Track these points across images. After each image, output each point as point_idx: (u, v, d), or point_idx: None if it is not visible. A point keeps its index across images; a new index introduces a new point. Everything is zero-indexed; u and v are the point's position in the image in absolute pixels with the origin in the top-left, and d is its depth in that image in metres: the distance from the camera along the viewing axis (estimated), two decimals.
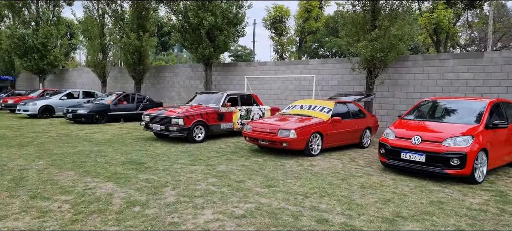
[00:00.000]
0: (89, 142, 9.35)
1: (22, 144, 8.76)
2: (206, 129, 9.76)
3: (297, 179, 5.87)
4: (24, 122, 14.34)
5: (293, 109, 9.03)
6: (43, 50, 22.64)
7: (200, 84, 17.88)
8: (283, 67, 14.97)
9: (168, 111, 9.52)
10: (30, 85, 28.98)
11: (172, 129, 9.20)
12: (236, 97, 10.97)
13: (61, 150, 7.95)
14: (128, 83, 21.45)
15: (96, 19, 19.59)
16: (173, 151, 8.23)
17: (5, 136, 10.14)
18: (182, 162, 6.98)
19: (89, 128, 12.54)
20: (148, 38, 17.85)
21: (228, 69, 16.83)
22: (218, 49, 14.98)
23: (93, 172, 5.94)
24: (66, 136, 10.35)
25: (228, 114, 10.41)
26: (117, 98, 15.23)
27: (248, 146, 9.28)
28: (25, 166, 6.34)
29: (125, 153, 7.79)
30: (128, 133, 11.39)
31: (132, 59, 17.68)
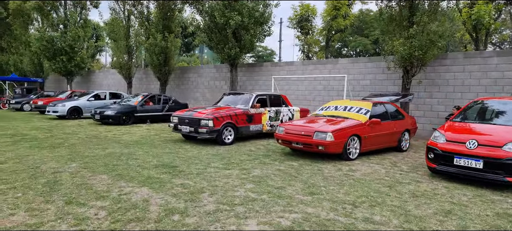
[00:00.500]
0: (119, 143, 9.26)
1: (53, 145, 8.75)
2: (235, 131, 9.49)
3: (340, 185, 5.47)
4: (53, 123, 14.55)
5: (327, 111, 8.61)
6: (70, 52, 23.13)
7: (225, 85, 17.68)
8: (310, 67, 14.53)
9: (197, 112, 9.30)
10: (58, 87, 29.74)
11: (202, 131, 8.97)
12: (265, 98, 10.65)
13: (92, 152, 7.85)
14: (153, 84, 21.55)
15: (122, 21, 19.77)
16: (203, 153, 7.99)
17: (36, 137, 10.21)
18: (215, 165, 6.71)
19: (117, 130, 12.53)
20: (173, 39, 17.81)
21: (253, 69, 16.54)
22: (244, 49, 14.72)
23: (127, 176, 5.75)
24: (96, 138, 10.32)
25: (257, 115, 10.10)
26: (144, 99, 15.23)
27: (279, 149, 8.93)
28: (58, 168, 6.24)
29: (156, 155, 7.61)
30: (156, 135, 11.28)
31: (157, 60, 17.69)
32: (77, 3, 23.67)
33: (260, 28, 14.66)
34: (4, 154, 7.47)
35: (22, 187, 5.07)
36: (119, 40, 20.20)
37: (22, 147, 8.40)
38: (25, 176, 5.71)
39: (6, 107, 22.04)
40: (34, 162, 6.74)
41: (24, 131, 11.47)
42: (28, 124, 13.69)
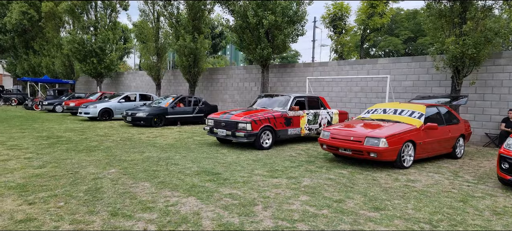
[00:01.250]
0: (154, 147, 9.00)
1: (89, 148, 8.59)
2: (273, 135, 9.03)
3: (405, 199, 4.89)
4: (85, 125, 14.59)
5: (375, 114, 8.00)
6: (101, 54, 23.43)
7: (255, 87, 17.28)
8: (346, 67, 13.88)
9: (234, 115, 8.91)
10: (88, 88, 30.32)
11: (239, 135, 8.57)
12: (303, 100, 10.13)
13: (129, 156, 7.60)
14: (181, 86, 21.45)
15: (151, 22, 19.78)
16: (243, 159, 7.58)
17: (71, 140, 10.13)
18: (259, 173, 6.27)
19: (149, 132, 12.36)
20: (203, 40, 17.59)
21: (285, 70, 16.05)
22: (277, 49, 14.25)
23: (170, 184, 5.39)
24: (129, 140, 10.14)
25: (296, 118, 9.60)
26: (174, 101, 15.05)
27: (321, 154, 8.40)
28: (97, 174, 5.98)
29: (195, 160, 7.26)
30: (189, 138, 10.99)
31: (187, 62, 17.51)
32: (107, 5, 23.96)
33: (293, 28, 14.16)
34: (41, 158, 7.33)
35: (63, 195, 4.80)
36: (148, 41, 20.22)
37: (58, 150, 8.28)
38: (65, 182, 5.47)
39: (39, 109, 22.54)
40: (73, 167, 6.53)
41: (58, 133, 11.47)
42: (61, 126, 13.77)
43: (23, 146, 8.72)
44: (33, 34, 29.61)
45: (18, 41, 30.26)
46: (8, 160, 7.04)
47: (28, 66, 29.97)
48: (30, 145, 8.95)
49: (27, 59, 29.90)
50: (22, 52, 30.48)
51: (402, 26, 33.88)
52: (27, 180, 5.53)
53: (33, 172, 6.11)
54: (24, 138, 10.16)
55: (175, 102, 15.04)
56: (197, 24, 17.80)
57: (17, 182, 5.43)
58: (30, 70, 30.06)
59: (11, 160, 7.09)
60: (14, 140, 9.64)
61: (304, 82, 15.18)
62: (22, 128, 12.46)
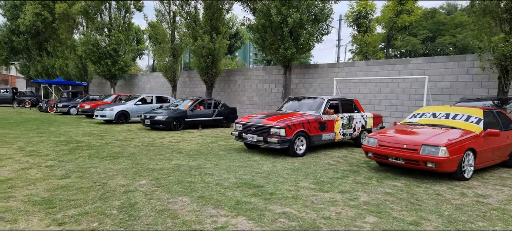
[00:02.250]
0: (180, 153, 8.44)
1: (112, 155, 8.06)
2: (307, 140, 8.39)
3: (489, 220, 4.22)
4: (102, 128, 14.14)
5: (423, 118, 7.31)
6: (115, 56, 23.08)
7: (275, 88, 16.67)
8: (375, 68, 13.17)
9: (266, 120, 8.29)
10: (101, 90, 30.05)
11: (271, 141, 7.95)
12: (337, 102, 9.48)
13: (157, 165, 7.04)
14: (197, 88, 20.94)
15: (167, 22, 19.32)
16: (280, 168, 6.96)
17: (91, 145, 9.63)
18: (305, 185, 5.64)
19: (170, 136, 11.83)
20: (221, 40, 17.05)
21: (307, 71, 15.40)
22: (301, 49, 13.62)
23: (211, 199, 4.80)
24: (152, 146, 9.60)
25: (330, 122, 8.95)
26: (194, 104, 14.51)
27: (362, 161, 7.74)
28: (128, 186, 5.42)
29: (229, 170, 6.66)
30: (213, 143, 10.41)
31: (204, 63, 16.99)
32: (121, 6, 23.61)
33: (318, 26, 13.50)
34: (64, 166, 6.81)
35: (95, 213, 4.24)
36: (164, 42, 19.78)
37: (80, 157, 7.76)
38: (94, 196, 4.92)
39: (53, 111, 22.26)
40: (99, 177, 5.98)
41: (77, 137, 11.00)
42: (78, 129, 13.32)
43: (43, 152, 8.24)
44: (46, 35, 29.47)
45: (31, 43, 30.17)
46: (29, 169, 6.54)
47: (41, 68, 29.84)
48: (50, 151, 8.46)
49: (41, 61, 29.77)
50: (35, 54, 30.37)
51: (420, 26, 32.92)
52: (52, 194, 5.00)
53: (57, 183, 5.57)
54: (43, 143, 9.70)
55: (194, 105, 14.50)
56: (214, 23, 17.27)
57: (42, 195, 4.90)
58: (44, 72, 29.92)
59: (32, 168, 6.59)
60: (33, 145, 9.18)
61: (329, 83, 14.52)
62: (39, 132, 12.03)
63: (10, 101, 28.18)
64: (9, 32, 30.57)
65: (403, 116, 12.34)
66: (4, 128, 13.08)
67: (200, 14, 17.65)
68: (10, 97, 28.46)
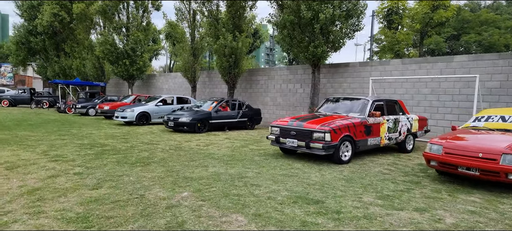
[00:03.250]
0: (213, 159, 7.81)
1: (142, 161, 7.47)
2: (353, 146, 7.66)
3: None
4: (124, 130, 13.64)
5: (490, 122, 6.51)
6: (133, 56, 22.69)
7: (300, 88, 15.94)
8: (413, 66, 12.33)
9: (308, 123, 7.58)
10: (118, 91, 29.78)
11: (315, 146, 7.24)
12: (382, 104, 8.71)
13: (194, 173, 6.41)
14: (217, 88, 20.36)
15: (188, 21, 18.80)
16: (329, 177, 6.25)
17: (117, 149, 9.09)
18: (369, 200, 4.93)
19: (196, 139, 11.24)
20: (244, 38, 16.41)
21: (336, 70, 14.62)
22: (332, 47, 12.86)
23: (270, 218, 4.13)
24: (181, 150, 9.00)
25: (376, 126, 8.19)
26: (218, 105, 13.91)
27: (418, 169, 6.98)
28: (169, 200, 4.79)
29: (275, 180, 5.98)
30: (244, 147, 9.77)
31: (227, 62, 16.37)
32: (139, 6, 23.22)
33: (350, 22, 12.71)
34: (93, 173, 6.25)
35: None
36: (183, 42, 19.27)
37: (108, 163, 7.20)
38: (135, 212, 4.30)
39: (71, 112, 21.99)
40: (134, 187, 5.38)
41: (100, 140, 10.49)
42: (100, 131, 12.85)
43: (68, 157, 7.71)
44: (64, 36, 29.35)
45: (48, 43, 30.09)
46: (56, 177, 5.99)
47: (59, 69, 29.73)
48: (75, 155, 7.93)
49: (58, 61, 29.67)
50: (52, 54, 30.29)
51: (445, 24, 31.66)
52: (87, 208, 4.41)
53: (90, 194, 4.99)
54: (66, 146, 9.20)
55: (219, 106, 13.90)
56: (237, 21, 16.65)
57: (76, 211, 4.32)
58: (61, 73, 29.80)
59: (60, 176, 6.04)
60: (57, 149, 8.68)
61: (360, 83, 13.73)
62: (61, 134, 11.58)
63: (28, 102, 28.14)
64: (26, 33, 30.57)
65: (445, 118, 11.48)
66: (25, 129, 12.70)
67: (222, 12, 17.04)
68: (28, 97, 28.43)
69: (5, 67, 47.43)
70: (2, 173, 6.21)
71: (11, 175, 6.09)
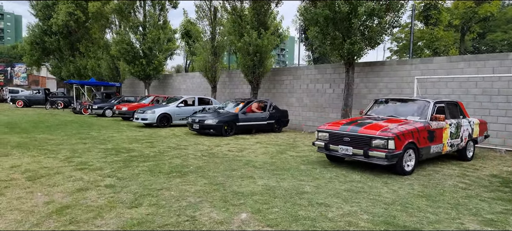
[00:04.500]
0: (255, 168, 6.94)
1: (177, 170, 6.64)
2: (416, 154, 6.71)
3: None
4: (146, 132, 12.89)
5: None
6: (150, 55, 22.02)
7: (330, 89, 14.99)
8: (460, 64, 11.29)
9: (365, 128, 6.65)
10: (133, 91, 29.20)
11: (376, 155, 6.30)
12: (443, 106, 7.73)
13: (242, 185, 5.55)
14: (238, 88, 19.52)
15: (209, 19, 18.01)
16: (402, 193, 5.33)
17: (144, 154, 8.29)
18: (475, 228, 3.99)
19: (225, 143, 10.40)
20: (270, 36, 15.54)
21: (371, 69, 13.63)
22: (370, 43, 11.90)
23: None
24: (214, 156, 8.16)
25: (439, 131, 7.23)
26: (245, 106, 13.06)
27: (498, 182, 6.01)
28: (227, 223, 3.94)
29: (341, 196, 5.08)
30: (281, 153, 8.88)
31: (251, 61, 15.51)
32: (156, 4, 22.54)
33: (389, 17, 11.71)
34: (127, 186, 5.43)
35: None
36: (201, 40, 18.49)
37: (140, 172, 6.39)
38: None
39: (87, 112, 21.40)
40: (180, 205, 4.55)
41: (124, 145, 9.72)
42: (121, 134, 12.11)
43: (94, 165, 6.94)
44: (78, 35, 28.89)
45: (63, 43, 29.68)
46: (86, 190, 5.20)
47: (73, 69, 29.27)
48: (102, 163, 7.15)
49: (73, 61, 29.21)
50: (67, 54, 29.86)
51: None
52: None
53: (130, 215, 4.17)
54: (90, 152, 8.44)
55: (246, 107, 13.05)
56: (262, 18, 15.79)
57: None
58: (76, 73, 29.34)
59: (90, 189, 5.24)
60: (80, 155, 7.92)
61: (398, 82, 12.73)
62: (82, 138, 10.86)
63: (43, 102, 27.73)
64: (41, 33, 30.21)
65: (498, 121, 10.43)
66: (43, 132, 12.03)
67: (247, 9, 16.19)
68: (42, 98, 28.03)
69: (19, 67, 47.46)
70: (24, 184, 5.45)
71: (34, 187, 5.32)
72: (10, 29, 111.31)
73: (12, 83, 45.75)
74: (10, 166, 6.72)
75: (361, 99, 13.68)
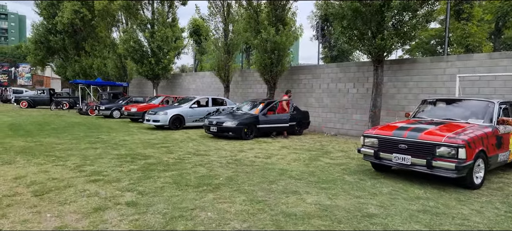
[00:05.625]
0: (294, 179, 6.01)
1: (206, 182, 5.72)
2: (485, 164, 5.74)
3: None
4: (159, 135, 11.99)
5: None
6: (159, 54, 21.14)
7: (353, 88, 14.02)
8: (504, 61, 10.31)
9: (427, 133, 5.68)
10: (140, 91, 28.36)
11: (442, 166, 5.34)
12: (507, 107, 6.76)
13: (290, 205, 4.61)
14: (251, 88, 18.59)
15: (222, 15, 17.11)
16: (489, 215, 4.39)
17: (163, 161, 7.38)
18: None
19: (248, 148, 9.48)
20: (288, 32, 14.60)
21: (400, 67, 12.65)
22: (403, 38, 10.93)
23: None
24: (241, 164, 7.24)
25: (506, 137, 6.27)
26: (265, 107, 12.13)
27: None
28: None
29: (425, 223, 4.13)
30: (315, 159, 7.94)
31: (269, 59, 14.58)
32: (165, 1, 21.66)
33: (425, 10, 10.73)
34: (152, 204, 4.51)
35: None
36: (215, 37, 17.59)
37: (164, 185, 5.47)
38: None
39: (94, 113, 20.54)
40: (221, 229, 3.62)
41: (138, 150, 8.81)
42: (133, 137, 11.22)
43: (110, 175, 6.03)
44: (84, 34, 28.07)
45: (68, 42, 28.86)
46: (104, 209, 4.29)
47: (79, 68, 28.43)
48: (118, 173, 6.24)
49: (78, 60, 28.37)
50: (72, 53, 29.03)
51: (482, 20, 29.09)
52: None
53: None
54: (102, 158, 7.54)
55: (266, 109, 12.12)
56: (280, 13, 14.85)
57: None
58: (81, 72, 28.50)
59: (109, 208, 4.33)
60: (92, 163, 7.02)
61: (431, 81, 11.77)
62: (91, 142, 9.97)
63: (47, 103, 26.94)
64: (45, 31, 29.41)
65: None
66: (49, 135, 11.16)
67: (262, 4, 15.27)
68: (47, 98, 27.24)
69: (23, 67, 46.78)
70: (30, 202, 4.55)
71: (42, 205, 4.42)
72: (14, 29, 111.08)
73: (16, 83, 45.05)
74: (13, 177, 5.83)
75: (389, 99, 12.71)
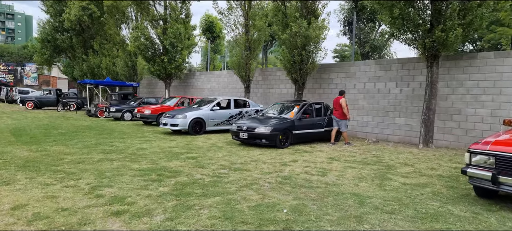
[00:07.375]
0: (381, 210, 4.50)
1: (265, 215, 4.22)
2: None
3: None
4: (179, 142, 10.52)
5: None
6: (172, 52, 19.73)
7: (396, 88, 12.45)
8: None
9: None
10: (150, 91, 27.02)
11: None
12: None
13: None
14: (274, 88, 17.08)
15: (243, 8, 15.64)
16: None
17: (197, 181, 5.89)
18: None
19: (290, 159, 7.97)
20: (322, 25, 13.08)
21: (455, 64, 11.04)
22: (468, 29, 9.35)
23: None
24: (295, 184, 5.73)
25: None
26: (301, 110, 10.62)
27: None
28: None
29: None
30: (384, 178, 6.42)
31: (299, 56, 13.05)
32: None
33: None
34: None
35: None
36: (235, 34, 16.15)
37: (214, 221, 3.99)
38: None
39: (103, 115, 19.16)
40: None
41: (162, 162, 7.34)
42: (151, 145, 9.76)
43: (136, 203, 4.55)
44: (92, 32, 26.74)
45: (76, 40, 27.56)
46: None
47: (86, 68, 27.11)
48: (145, 198, 4.77)
49: (86, 59, 27.05)
50: (80, 52, 27.73)
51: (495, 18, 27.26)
52: None
53: None
54: (122, 176, 6.07)
55: (302, 112, 10.60)
56: (310, 5, 13.33)
57: None
58: (89, 72, 27.18)
59: None
60: (110, 182, 5.55)
61: (494, 80, 10.17)
62: (105, 151, 8.51)
63: (54, 104, 25.68)
64: (52, 30, 28.13)
65: None
66: (56, 142, 9.74)
67: None
68: (53, 99, 25.98)
69: (29, 67, 45.71)
70: None
71: None
72: (21, 30, 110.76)
73: (22, 83, 43.95)
74: (11, 205, 4.39)
75: (439, 100, 11.12)
